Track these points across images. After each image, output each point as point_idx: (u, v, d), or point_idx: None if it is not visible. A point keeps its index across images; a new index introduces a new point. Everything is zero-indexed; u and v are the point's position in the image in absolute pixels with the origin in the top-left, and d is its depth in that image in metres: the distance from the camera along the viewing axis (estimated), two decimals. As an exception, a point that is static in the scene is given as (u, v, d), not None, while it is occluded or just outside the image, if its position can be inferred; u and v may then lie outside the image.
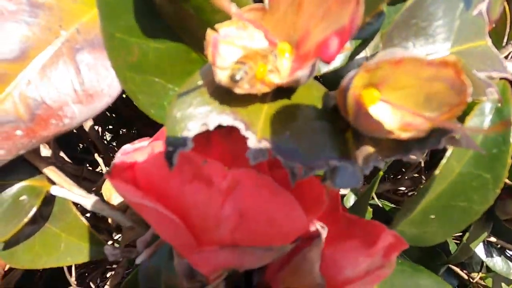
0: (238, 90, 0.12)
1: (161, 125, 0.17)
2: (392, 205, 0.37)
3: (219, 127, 0.13)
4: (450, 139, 0.13)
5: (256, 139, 0.12)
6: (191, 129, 0.12)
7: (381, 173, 0.25)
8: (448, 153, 0.22)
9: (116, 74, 0.17)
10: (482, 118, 0.18)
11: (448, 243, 0.44)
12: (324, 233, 0.17)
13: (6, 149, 0.16)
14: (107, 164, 0.62)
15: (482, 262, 0.42)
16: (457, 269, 0.45)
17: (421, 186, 0.18)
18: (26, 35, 0.16)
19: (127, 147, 0.20)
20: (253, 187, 0.13)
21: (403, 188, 0.55)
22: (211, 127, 0.13)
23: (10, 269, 0.37)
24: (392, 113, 0.13)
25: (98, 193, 0.46)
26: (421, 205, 0.19)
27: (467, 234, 0.36)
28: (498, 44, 0.25)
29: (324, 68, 0.23)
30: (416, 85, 0.13)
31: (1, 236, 0.19)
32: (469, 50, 0.15)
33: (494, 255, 0.40)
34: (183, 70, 0.17)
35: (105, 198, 0.37)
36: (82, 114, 0.17)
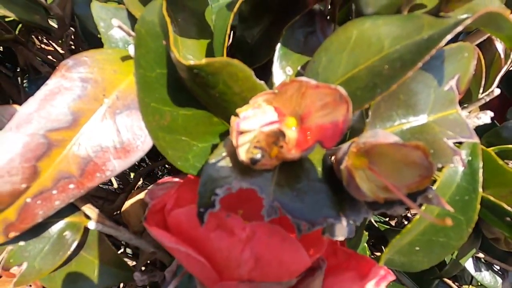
0: (256, 168, 0.15)
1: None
2: (387, 226, 0.40)
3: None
4: (424, 198, 0.16)
5: (270, 200, 0.16)
6: (218, 194, 0.16)
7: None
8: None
9: (150, 134, 0.20)
10: (456, 169, 0.21)
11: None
12: (324, 266, 0.20)
13: (61, 200, 0.19)
14: (121, 181, 0.65)
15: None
16: (450, 282, 0.48)
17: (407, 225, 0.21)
18: (78, 106, 0.19)
19: (155, 189, 0.24)
20: (266, 236, 0.17)
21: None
22: (234, 190, 0.16)
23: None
24: (377, 179, 0.16)
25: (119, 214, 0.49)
26: (407, 238, 0.23)
27: (455, 252, 0.39)
28: (475, 90, 0.28)
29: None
30: (397, 155, 0.16)
31: (49, 267, 0.22)
32: (442, 118, 0.18)
33: (482, 269, 0.43)
34: (206, 131, 0.20)
35: (124, 221, 0.40)
36: (120, 167, 0.21)
